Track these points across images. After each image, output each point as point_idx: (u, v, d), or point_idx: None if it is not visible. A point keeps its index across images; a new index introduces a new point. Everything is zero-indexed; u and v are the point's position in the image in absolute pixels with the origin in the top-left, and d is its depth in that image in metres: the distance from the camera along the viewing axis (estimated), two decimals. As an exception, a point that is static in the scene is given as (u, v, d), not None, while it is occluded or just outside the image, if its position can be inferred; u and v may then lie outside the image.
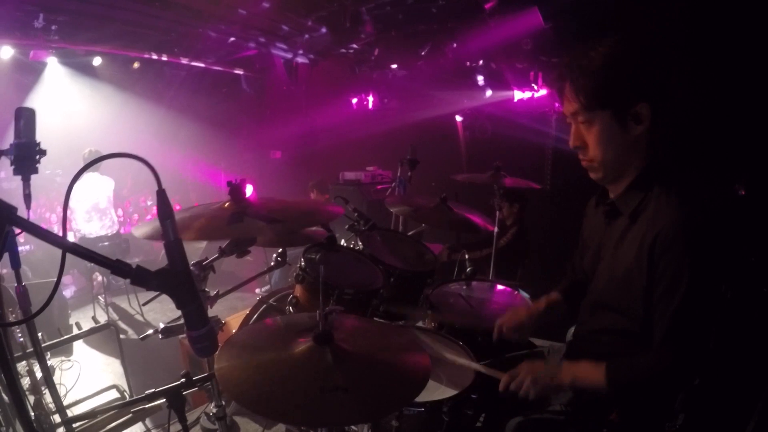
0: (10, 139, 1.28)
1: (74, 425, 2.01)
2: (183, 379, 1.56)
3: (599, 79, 1.33)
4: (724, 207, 1.37)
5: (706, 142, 3.29)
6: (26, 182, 1.32)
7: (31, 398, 2.16)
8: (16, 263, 1.12)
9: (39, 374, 2.27)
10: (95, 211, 5.21)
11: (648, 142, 1.39)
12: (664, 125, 1.37)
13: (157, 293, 0.96)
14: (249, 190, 1.71)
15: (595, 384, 1.37)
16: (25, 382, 2.36)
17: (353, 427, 1.67)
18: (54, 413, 2.03)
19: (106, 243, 5.24)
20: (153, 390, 1.51)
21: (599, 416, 1.39)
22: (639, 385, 1.36)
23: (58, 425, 1.89)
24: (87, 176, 5.26)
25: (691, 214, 1.30)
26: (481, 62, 5.71)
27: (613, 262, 1.46)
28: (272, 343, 1.32)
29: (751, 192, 3.32)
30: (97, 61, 5.95)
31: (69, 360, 3.86)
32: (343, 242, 2.54)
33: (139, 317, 5.15)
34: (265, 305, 2.41)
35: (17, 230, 0.86)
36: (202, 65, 6.37)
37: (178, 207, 1.43)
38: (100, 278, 5.32)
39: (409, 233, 3.02)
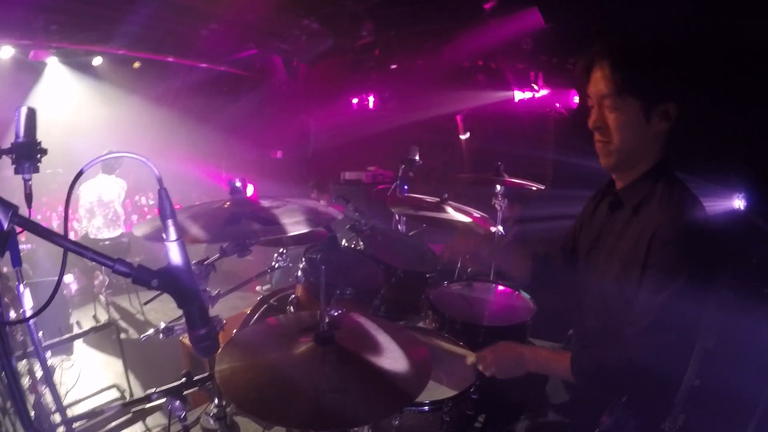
0: (11, 138, 1.28)
1: (74, 425, 2.01)
2: (183, 379, 1.56)
3: (642, 68, 1.33)
4: (723, 213, 1.39)
5: (711, 150, 3.28)
6: (27, 181, 1.32)
7: (31, 398, 2.16)
8: (16, 262, 1.12)
9: (39, 373, 2.27)
10: (99, 206, 5.22)
11: (665, 141, 1.40)
12: (685, 128, 1.38)
13: (159, 292, 0.96)
14: (250, 190, 1.71)
15: (561, 371, 1.40)
16: (25, 381, 2.36)
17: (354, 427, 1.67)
18: (54, 413, 2.03)
19: (107, 242, 5.25)
20: (153, 390, 1.51)
21: (593, 419, 1.38)
22: (606, 374, 1.34)
23: (58, 425, 1.89)
24: (99, 177, 5.28)
25: (692, 214, 1.31)
26: (481, 62, 5.71)
27: (613, 253, 1.46)
28: (273, 343, 1.32)
29: (752, 198, 3.31)
30: (97, 60, 5.96)
31: (69, 359, 3.86)
32: (344, 242, 2.54)
33: (140, 316, 5.14)
34: (266, 305, 2.40)
35: (18, 229, 0.85)
36: (203, 65, 6.37)
37: (178, 206, 1.43)
38: (101, 277, 5.32)
39: (410, 233, 3.02)
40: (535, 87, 5.40)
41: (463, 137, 6.02)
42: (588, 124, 1.44)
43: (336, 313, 1.42)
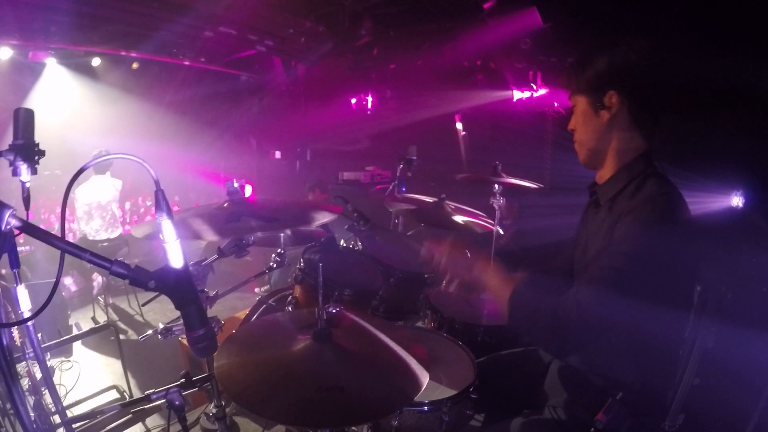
0: (9, 140, 1.28)
1: (74, 426, 2.01)
2: (183, 380, 1.57)
3: (582, 64, 1.47)
4: (721, 211, 1.38)
5: (705, 147, 3.27)
6: (24, 184, 1.32)
7: (31, 399, 2.16)
8: (14, 264, 1.11)
9: (38, 375, 2.27)
10: (97, 209, 5.22)
11: (627, 131, 1.43)
12: (648, 119, 1.42)
13: (157, 294, 0.96)
14: (248, 190, 1.71)
15: (503, 305, 1.39)
16: (25, 382, 2.36)
17: (353, 426, 1.67)
18: (54, 414, 2.02)
19: (105, 243, 5.25)
20: (153, 390, 1.51)
21: (589, 417, 1.37)
22: (536, 325, 1.33)
23: (58, 426, 1.88)
24: (93, 179, 5.27)
25: (662, 203, 1.31)
26: (479, 62, 5.71)
27: (591, 251, 1.46)
28: (272, 340, 1.32)
29: (751, 196, 3.30)
30: (96, 61, 5.95)
31: (69, 360, 3.86)
32: (342, 242, 2.54)
33: (138, 318, 5.14)
34: (264, 305, 2.41)
35: (16, 231, 0.85)
36: (201, 66, 6.37)
37: (177, 208, 1.43)
38: (99, 279, 5.32)
39: (409, 233, 3.02)
40: (534, 86, 5.40)
41: (459, 126, 6.05)
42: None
43: (334, 311, 1.42)
